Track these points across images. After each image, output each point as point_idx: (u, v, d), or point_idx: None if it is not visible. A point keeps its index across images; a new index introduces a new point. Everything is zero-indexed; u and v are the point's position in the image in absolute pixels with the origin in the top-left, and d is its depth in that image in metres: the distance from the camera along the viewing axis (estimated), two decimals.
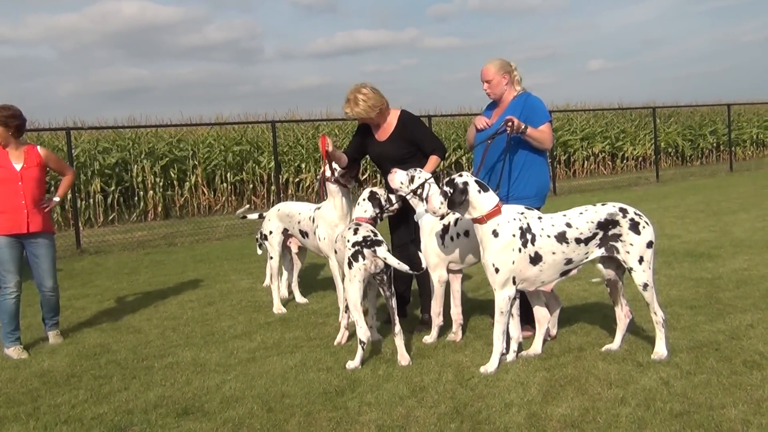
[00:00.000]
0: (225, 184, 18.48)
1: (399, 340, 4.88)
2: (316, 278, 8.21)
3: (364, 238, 4.91)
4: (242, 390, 4.51)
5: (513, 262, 4.49)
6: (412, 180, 5.29)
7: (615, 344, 4.81)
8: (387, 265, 4.90)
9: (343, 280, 5.28)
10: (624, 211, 4.58)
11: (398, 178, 5.37)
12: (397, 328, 4.87)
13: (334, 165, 5.96)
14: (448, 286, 5.34)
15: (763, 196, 13.44)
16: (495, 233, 4.49)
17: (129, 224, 16.08)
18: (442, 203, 4.58)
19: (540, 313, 4.95)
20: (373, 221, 5.24)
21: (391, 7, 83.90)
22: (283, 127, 19.78)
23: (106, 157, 16.95)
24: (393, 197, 5.39)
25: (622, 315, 4.83)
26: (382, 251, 4.86)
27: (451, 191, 4.50)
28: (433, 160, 5.67)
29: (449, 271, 5.29)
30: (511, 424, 3.71)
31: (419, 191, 5.23)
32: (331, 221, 5.99)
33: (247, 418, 4.05)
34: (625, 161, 24.55)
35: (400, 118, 5.78)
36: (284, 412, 4.09)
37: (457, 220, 5.11)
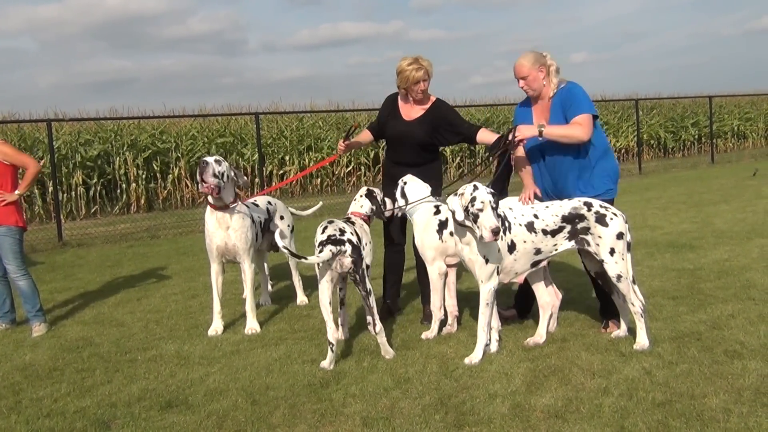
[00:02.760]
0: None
1: (381, 338, 4.82)
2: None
3: (329, 236, 4.74)
4: (226, 382, 4.50)
5: (498, 251, 4.56)
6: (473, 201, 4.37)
7: (622, 330, 4.95)
8: (357, 264, 4.73)
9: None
10: (589, 205, 4.72)
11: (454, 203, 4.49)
12: (378, 327, 4.77)
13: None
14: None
15: (744, 187, 13.57)
16: None
17: (111, 217, 15.96)
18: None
19: (544, 299, 5.01)
20: (368, 219, 5.24)
21: None
22: (266, 119, 19.69)
23: (88, 150, 16.80)
24: (388, 202, 5.32)
25: (621, 301, 4.87)
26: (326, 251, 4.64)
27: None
28: (485, 131, 5.57)
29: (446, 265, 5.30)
30: (495, 415, 3.73)
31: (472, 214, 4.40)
32: None
33: (231, 410, 4.04)
34: None
35: (435, 102, 5.69)
36: (269, 405, 4.09)
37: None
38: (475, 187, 4.40)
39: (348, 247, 4.69)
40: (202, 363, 4.96)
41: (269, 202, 6.52)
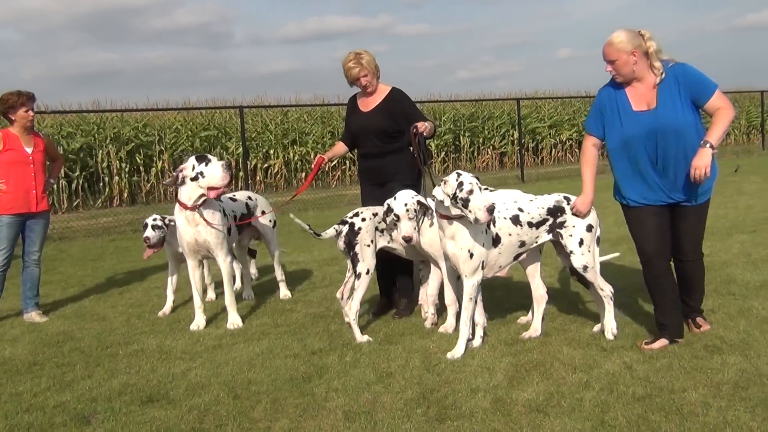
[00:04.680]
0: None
1: (355, 326, 5.07)
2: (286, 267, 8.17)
3: (343, 217, 5.22)
4: (208, 377, 4.48)
5: (483, 245, 4.58)
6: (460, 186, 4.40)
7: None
8: (349, 246, 5.09)
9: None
10: (568, 199, 4.86)
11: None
12: (352, 314, 5.05)
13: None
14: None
15: (725, 183, 13.67)
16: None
17: (94, 210, 15.85)
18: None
19: (539, 293, 5.05)
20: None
21: None
22: (251, 113, 19.61)
23: (70, 142, 16.66)
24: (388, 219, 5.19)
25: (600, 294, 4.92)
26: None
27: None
28: (429, 122, 5.62)
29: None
30: (477, 409, 3.74)
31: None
32: None
33: (212, 405, 4.02)
34: None
35: (391, 92, 5.78)
36: (250, 399, 4.08)
37: None
38: (459, 174, 4.43)
39: (345, 228, 5.09)
40: (184, 358, 4.93)
41: (249, 197, 6.50)
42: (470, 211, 4.35)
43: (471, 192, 4.33)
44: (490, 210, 4.32)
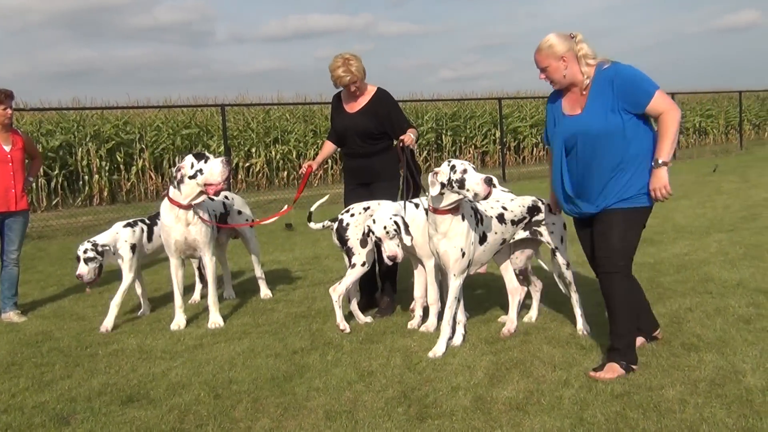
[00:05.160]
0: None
1: (337, 308, 5.30)
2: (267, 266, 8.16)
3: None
4: (189, 377, 4.47)
5: (472, 243, 4.65)
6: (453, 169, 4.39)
7: (534, 314, 5.32)
8: (341, 241, 5.34)
9: None
10: (541, 201, 5.01)
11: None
12: (335, 294, 5.30)
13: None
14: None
15: (704, 183, 13.83)
16: (462, 217, 4.58)
17: (73, 209, 15.70)
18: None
19: (512, 285, 5.14)
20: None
21: None
22: (233, 111, 19.52)
23: (49, 140, 16.49)
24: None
25: (535, 288, 5.35)
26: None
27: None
28: (413, 130, 5.66)
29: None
30: (458, 407, 3.76)
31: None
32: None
33: (193, 404, 4.01)
34: None
35: (377, 93, 5.78)
36: (231, 399, 4.07)
37: None
38: (450, 161, 4.43)
39: (334, 225, 5.38)
40: (165, 357, 4.91)
41: (226, 197, 6.47)
42: (468, 190, 4.28)
43: (465, 171, 4.31)
44: (488, 181, 4.27)
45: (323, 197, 6.04)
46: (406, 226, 5.01)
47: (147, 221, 6.14)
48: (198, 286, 6.75)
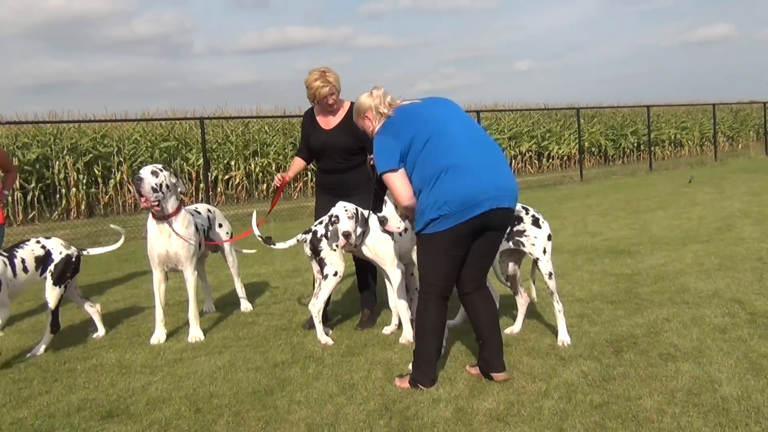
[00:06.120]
0: None
1: (317, 323, 5.39)
2: (247, 279, 8.14)
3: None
4: (169, 391, 4.44)
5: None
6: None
7: (517, 327, 5.32)
8: (315, 252, 5.37)
9: None
10: (526, 210, 5.01)
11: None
12: (316, 308, 5.37)
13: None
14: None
15: (680, 194, 14.02)
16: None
17: (50, 222, 15.57)
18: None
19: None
20: None
21: (324, 4, 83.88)
22: (212, 124, 19.49)
23: (25, 153, 16.38)
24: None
25: (522, 301, 5.35)
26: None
27: None
28: None
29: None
30: (439, 419, 3.78)
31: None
32: None
33: (174, 419, 3.99)
34: (550, 160, 25.18)
35: (351, 108, 5.75)
36: (212, 413, 4.06)
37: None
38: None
39: (308, 237, 5.40)
40: (144, 372, 4.88)
41: (209, 210, 6.48)
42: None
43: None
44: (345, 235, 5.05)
45: (253, 215, 6.07)
46: (365, 219, 5.18)
47: (5, 253, 5.42)
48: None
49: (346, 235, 5.08)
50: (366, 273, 5.88)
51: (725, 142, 30.74)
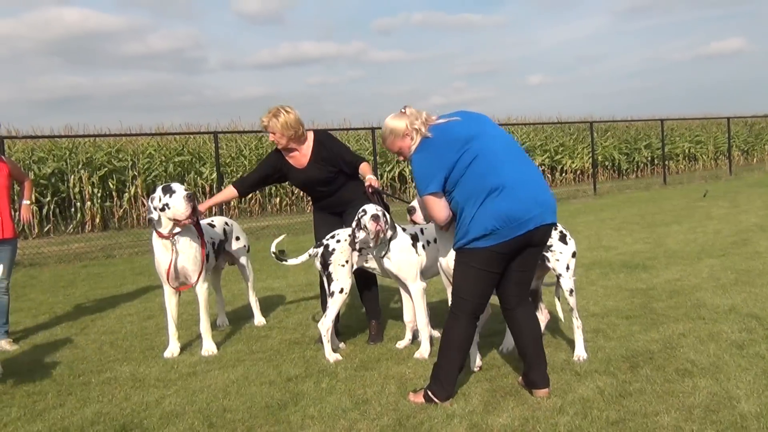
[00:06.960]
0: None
1: (326, 341, 5.27)
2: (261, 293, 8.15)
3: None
4: (182, 405, 4.44)
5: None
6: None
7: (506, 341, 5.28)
8: (324, 266, 5.34)
9: None
10: (555, 225, 4.82)
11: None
12: (325, 325, 5.26)
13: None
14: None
15: (695, 208, 13.92)
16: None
17: (65, 236, 15.67)
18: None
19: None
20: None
21: (337, 19, 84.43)
22: (225, 138, 19.60)
23: (41, 167, 16.52)
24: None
25: (542, 317, 5.24)
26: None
27: None
28: (367, 165, 5.77)
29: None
30: None
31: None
32: None
33: None
34: (564, 174, 25.10)
35: (316, 139, 5.81)
36: (226, 427, 4.05)
37: (422, 229, 5.35)
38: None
39: (319, 250, 5.37)
40: (158, 385, 4.89)
41: (226, 223, 6.50)
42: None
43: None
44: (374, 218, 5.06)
45: (280, 236, 6.09)
46: (393, 223, 5.25)
47: None
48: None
49: (375, 218, 5.07)
50: (367, 281, 5.87)
51: (740, 156, 30.54)
